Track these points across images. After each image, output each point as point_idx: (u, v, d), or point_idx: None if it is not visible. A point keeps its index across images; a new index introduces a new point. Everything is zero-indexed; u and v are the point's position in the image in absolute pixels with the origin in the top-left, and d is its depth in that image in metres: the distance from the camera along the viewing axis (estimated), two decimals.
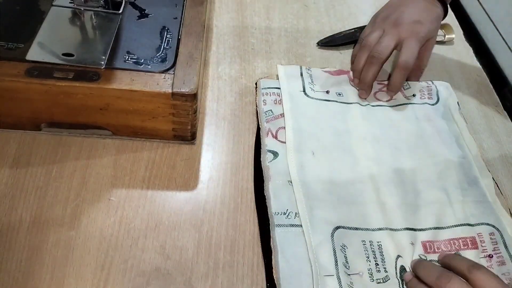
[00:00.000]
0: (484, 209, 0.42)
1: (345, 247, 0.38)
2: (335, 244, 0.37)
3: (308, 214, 0.39)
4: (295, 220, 0.39)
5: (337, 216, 0.40)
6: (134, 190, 0.41)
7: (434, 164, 0.45)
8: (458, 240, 0.40)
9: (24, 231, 0.37)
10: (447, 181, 0.44)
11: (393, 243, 0.39)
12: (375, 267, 0.37)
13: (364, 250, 0.38)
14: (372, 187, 0.42)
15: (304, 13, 0.62)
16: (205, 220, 0.40)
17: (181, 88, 0.38)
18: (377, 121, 0.48)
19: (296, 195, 0.40)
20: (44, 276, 0.35)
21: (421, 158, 0.45)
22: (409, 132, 0.48)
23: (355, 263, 0.37)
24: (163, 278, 0.36)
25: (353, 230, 0.39)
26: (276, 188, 0.41)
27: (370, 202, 0.41)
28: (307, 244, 0.37)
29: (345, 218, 0.40)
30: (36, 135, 0.43)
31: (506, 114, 0.54)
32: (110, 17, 0.44)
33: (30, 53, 0.39)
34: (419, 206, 0.42)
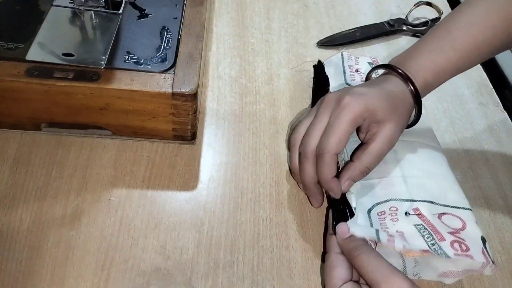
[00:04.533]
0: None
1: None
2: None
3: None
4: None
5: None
6: (134, 190, 0.41)
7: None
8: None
9: (24, 231, 0.37)
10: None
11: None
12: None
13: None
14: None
15: (304, 13, 0.62)
16: (205, 220, 0.40)
17: (181, 88, 0.38)
18: None
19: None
20: (44, 276, 0.35)
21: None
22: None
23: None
24: (163, 278, 0.36)
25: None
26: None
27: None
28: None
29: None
30: (36, 135, 0.43)
31: (506, 114, 0.54)
32: (110, 17, 0.44)
33: (30, 53, 0.39)
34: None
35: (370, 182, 0.40)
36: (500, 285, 0.39)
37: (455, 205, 0.38)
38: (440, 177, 0.40)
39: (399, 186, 0.38)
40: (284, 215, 0.41)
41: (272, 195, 0.43)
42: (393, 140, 0.38)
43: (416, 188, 0.38)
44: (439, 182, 0.40)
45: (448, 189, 0.39)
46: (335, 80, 0.50)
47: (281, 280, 0.37)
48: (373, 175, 0.39)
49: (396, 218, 0.36)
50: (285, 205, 0.42)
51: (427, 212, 0.36)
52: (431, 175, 0.40)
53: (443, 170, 0.41)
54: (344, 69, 0.51)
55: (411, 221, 0.36)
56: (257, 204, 0.42)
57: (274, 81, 0.53)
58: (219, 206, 0.41)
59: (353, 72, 0.50)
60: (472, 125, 0.52)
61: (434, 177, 0.40)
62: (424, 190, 0.38)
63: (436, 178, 0.40)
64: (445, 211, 0.37)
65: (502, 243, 0.42)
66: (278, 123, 0.48)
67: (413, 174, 0.40)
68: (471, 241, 0.35)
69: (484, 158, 0.49)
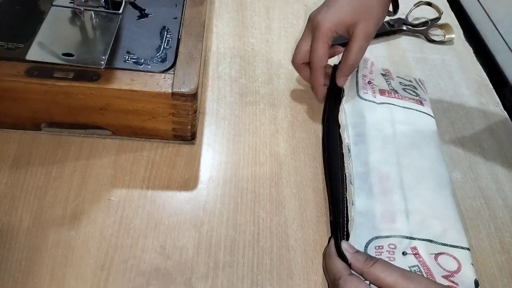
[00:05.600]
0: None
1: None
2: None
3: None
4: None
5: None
6: (134, 190, 0.41)
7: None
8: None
9: (24, 231, 0.37)
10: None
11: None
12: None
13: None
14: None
15: (304, 13, 0.62)
16: (205, 220, 0.40)
17: (181, 88, 0.38)
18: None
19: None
20: (44, 276, 0.35)
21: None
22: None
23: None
24: (163, 278, 0.36)
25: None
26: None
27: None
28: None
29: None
30: (36, 135, 0.43)
31: (506, 114, 0.54)
32: (110, 17, 0.44)
33: (30, 53, 0.39)
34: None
35: (373, 212, 0.39)
36: (500, 285, 0.39)
37: (453, 244, 0.38)
38: (444, 213, 0.40)
39: (401, 223, 0.38)
40: (284, 215, 0.41)
41: (272, 195, 0.43)
42: (369, 36, 0.44)
43: (417, 225, 0.38)
44: (442, 219, 0.39)
45: (449, 227, 0.39)
46: (348, 90, 0.48)
47: (281, 280, 0.37)
48: (376, 204, 0.39)
49: (393, 257, 0.36)
50: (285, 205, 0.42)
51: (424, 251, 0.36)
52: (435, 211, 0.39)
53: (447, 204, 0.40)
54: (357, 79, 0.49)
55: (407, 262, 0.36)
56: (257, 204, 0.42)
57: (274, 81, 0.53)
58: (219, 206, 0.41)
59: (366, 84, 0.49)
60: (472, 125, 0.52)
61: (438, 213, 0.39)
62: (425, 227, 0.38)
63: (439, 214, 0.39)
64: (442, 251, 0.37)
65: (502, 243, 0.42)
66: (278, 123, 0.48)
67: (416, 209, 0.39)
68: (463, 286, 0.35)
69: (484, 158, 0.49)
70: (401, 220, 0.38)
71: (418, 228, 0.38)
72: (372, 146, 0.43)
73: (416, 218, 0.38)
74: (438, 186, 0.41)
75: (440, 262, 0.36)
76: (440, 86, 0.56)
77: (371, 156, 0.42)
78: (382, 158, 0.42)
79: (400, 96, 0.48)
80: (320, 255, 0.39)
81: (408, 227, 0.38)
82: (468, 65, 0.59)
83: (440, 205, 0.40)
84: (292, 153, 0.46)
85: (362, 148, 0.43)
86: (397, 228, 0.38)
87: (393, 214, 0.39)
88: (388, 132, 0.44)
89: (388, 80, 0.50)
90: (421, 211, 0.39)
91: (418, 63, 0.58)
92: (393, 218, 0.38)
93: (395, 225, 0.38)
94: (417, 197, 0.40)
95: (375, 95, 0.48)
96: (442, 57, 0.60)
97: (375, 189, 0.40)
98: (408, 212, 0.39)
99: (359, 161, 0.42)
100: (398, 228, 0.38)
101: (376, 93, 0.48)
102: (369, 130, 0.45)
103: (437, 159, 0.44)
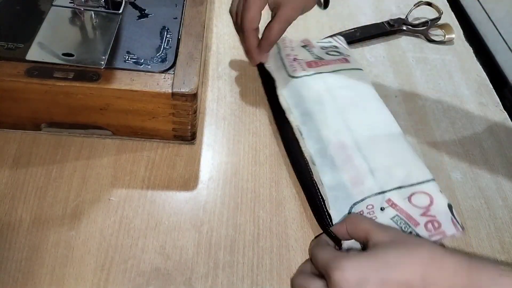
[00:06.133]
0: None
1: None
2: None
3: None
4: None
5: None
6: (134, 190, 0.41)
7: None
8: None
9: (24, 231, 0.37)
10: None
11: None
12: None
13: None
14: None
15: None
16: (205, 220, 0.40)
17: (181, 88, 0.38)
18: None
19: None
20: (44, 276, 0.35)
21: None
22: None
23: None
24: (163, 278, 0.36)
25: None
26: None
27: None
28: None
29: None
30: (36, 135, 0.43)
31: (506, 114, 0.54)
32: (110, 17, 0.44)
33: (30, 53, 0.39)
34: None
35: (342, 183, 0.40)
36: None
37: (419, 181, 0.41)
38: (403, 158, 0.43)
39: (368, 181, 0.40)
40: (284, 215, 0.41)
41: (272, 195, 0.43)
42: (289, 20, 0.46)
43: (383, 178, 0.40)
44: (403, 164, 0.42)
45: (411, 168, 0.42)
46: (278, 73, 0.49)
47: (281, 280, 0.37)
48: (342, 174, 0.41)
49: (374, 216, 0.38)
50: (285, 205, 0.42)
51: (398, 199, 0.39)
52: (395, 159, 0.42)
53: (403, 149, 0.43)
54: (283, 60, 0.50)
55: (387, 215, 0.38)
56: (257, 204, 0.42)
57: None
58: (219, 206, 0.41)
59: (292, 62, 0.50)
60: (472, 125, 0.52)
61: (397, 160, 0.42)
62: (391, 178, 0.40)
63: (399, 161, 0.42)
64: (413, 191, 0.40)
65: (502, 243, 0.42)
66: None
67: (378, 164, 0.41)
68: (441, 215, 0.39)
69: (484, 158, 0.49)
70: (369, 179, 0.40)
71: (386, 180, 0.40)
72: (319, 120, 0.44)
73: (381, 172, 0.41)
74: (389, 135, 0.44)
75: (414, 202, 0.39)
76: (440, 86, 0.56)
77: (322, 131, 0.44)
78: (333, 129, 0.44)
79: (326, 62, 0.50)
80: None
81: (377, 184, 0.40)
82: (468, 65, 0.59)
83: (397, 152, 0.43)
84: None
85: (311, 126, 0.44)
86: (368, 188, 0.40)
87: (360, 177, 0.40)
88: (328, 101, 0.46)
89: (310, 50, 0.52)
90: (383, 164, 0.41)
91: (418, 63, 0.58)
92: (361, 181, 0.40)
93: (365, 186, 0.40)
94: (375, 153, 0.42)
95: (304, 68, 0.49)
96: (442, 57, 0.60)
97: (336, 161, 0.42)
98: (372, 170, 0.41)
99: (313, 139, 0.44)
100: (368, 188, 0.40)
101: (304, 67, 0.49)
102: (311, 106, 0.46)
103: (380, 108, 0.47)
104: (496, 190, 0.46)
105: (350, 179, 0.40)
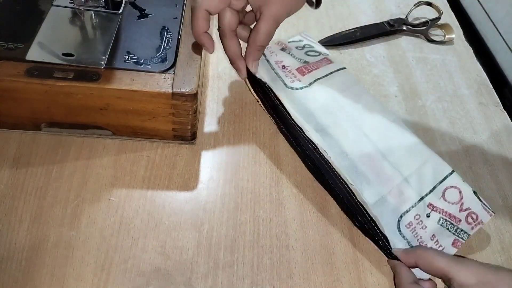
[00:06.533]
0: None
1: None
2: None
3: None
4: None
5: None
6: (134, 190, 0.41)
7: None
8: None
9: (24, 231, 0.37)
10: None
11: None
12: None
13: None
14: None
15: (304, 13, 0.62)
16: (205, 220, 0.40)
17: (181, 88, 0.38)
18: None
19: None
20: (44, 276, 0.35)
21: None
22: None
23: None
24: (163, 278, 0.36)
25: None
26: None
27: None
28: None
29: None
30: (36, 135, 0.43)
31: (506, 114, 0.54)
32: (110, 17, 0.44)
33: (30, 53, 0.39)
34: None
35: (383, 197, 0.40)
36: None
37: (444, 176, 0.41)
38: (422, 154, 0.43)
39: (407, 190, 0.40)
40: (284, 215, 0.41)
41: (272, 195, 0.43)
42: (277, 19, 0.41)
43: (418, 182, 0.41)
44: (426, 161, 0.42)
45: (433, 164, 0.42)
46: (276, 86, 0.45)
47: (281, 280, 0.37)
48: (381, 188, 0.40)
49: (423, 225, 0.39)
50: (285, 205, 0.42)
51: (436, 201, 0.40)
52: (418, 158, 0.42)
53: (417, 143, 0.43)
54: (275, 70, 0.47)
55: (434, 221, 0.39)
56: (257, 204, 0.42)
57: None
58: (219, 206, 0.41)
59: (283, 70, 0.47)
60: (472, 125, 0.52)
61: (420, 158, 0.42)
62: (423, 180, 0.41)
63: (421, 158, 0.42)
64: (443, 188, 0.40)
65: (502, 243, 0.42)
66: None
67: (408, 168, 0.41)
68: (473, 205, 0.40)
69: (484, 158, 0.49)
70: (407, 188, 0.40)
71: (420, 184, 0.41)
72: (337, 134, 0.43)
73: (414, 177, 0.41)
74: (402, 135, 0.44)
75: (448, 199, 0.40)
76: (440, 86, 0.56)
77: (344, 147, 0.42)
78: (353, 141, 0.43)
79: (314, 65, 0.48)
80: (320, 255, 0.39)
81: (415, 191, 0.40)
82: (468, 65, 0.59)
83: (416, 151, 0.43)
84: (292, 153, 0.46)
85: (331, 142, 0.42)
86: (408, 197, 0.40)
87: (397, 187, 0.40)
88: (338, 111, 0.45)
89: (290, 52, 0.50)
90: (412, 168, 0.42)
91: (418, 63, 0.58)
92: (400, 191, 0.40)
93: (405, 196, 0.40)
94: (400, 157, 0.42)
95: (299, 78, 0.46)
96: (442, 57, 0.60)
97: (370, 175, 0.41)
98: (406, 177, 0.41)
99: (337, 155, 0.42)
100: (409, 197, 0.40)
101: (298, 76, 0.47)
102: (323, 120, 0.44)
103: (382, 109, 0.46)
104: (496, 190, 0.46)
105: (389, 191, 0.40)
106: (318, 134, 0.43)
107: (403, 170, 0.41)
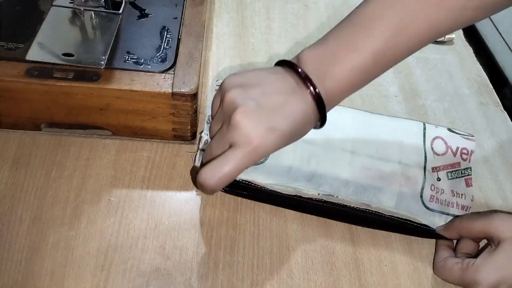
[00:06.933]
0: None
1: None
2: None
3: None
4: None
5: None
6: (134, 190, 0.41)
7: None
8: None
9: (24, 231, 0.37)
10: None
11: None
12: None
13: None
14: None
15: (304, 13, 0.62)
16: (205, 220, 0.40)
17: (181, 88, 0.38)
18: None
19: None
20: (43, 277, 0.35)
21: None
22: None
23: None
24: (163, 279, 0.36)
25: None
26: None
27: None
28: None
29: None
30: (36, 135, 0.43)
31: (506, 114, 0.54)
32: (110, 17, 0.44)
33: (30, 53, 0.39)
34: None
35: (399, 194, 0.42)
36: None
37: (422, 135, 0.45)
38: (395, 131, 0.45)
39: (410, 171, 0.43)
40: (284, 215, 0.41)
41: None
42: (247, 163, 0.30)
43: (414, 158, 0.43)
44: (401, 136, 0.45)
45: (405, 133, 0.45)
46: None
47: (281, 280, 0.37)
48: (392, 187, 0.42)
49: (441, 190, 0.42)
50: None
51: (434, 162, 0.43)
52: (393, 134, 0.45)
53: (387, 126, 0.45)
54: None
55: (444, 180, 0.43)
56: (257, 204, 0.42)
57: None
58: (219, 206, 0.41)
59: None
60: (472, 125, 0.52)
61: (395, 137, 0.45)
62: (415, 151, 0.44)
63: (395, 136, 0.45)
64: (430, 146, 0.44)
65: None
66: None
67: (397, 154, 0.44)
68: (457, 141, 0.44)
69: (484, 158, 0.49)
70: (407, 170, 0.43)
71: (416, 158, 0.44)
72: (328, 169, 0.41)
73: (404, 157, 0.43)
74: (370, 127, 0.45)
75: (438, 151, 0.44)
76: (440, 86, 0.56)
77: (341, 175, 0.41)
78: (344, 165, 0.42)
79: None
80: (320, 255, 0.39)
81: (416, 167, 0.43)
82: (468, 65, 0.59)
83: (386, 130, 0.45)
84: None
85: (328, 181, 0.41)
86: (415, 177, 0.43)
87: (402, 176, 0.42)
88: (311, 151, 0.42)
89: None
90: (396, 149, 0.44)
91: (418, 63, 0.58)
92: (406, 177, 0.42)
93: (412, 177, 0.43)
94: (384, 149, 0.44)
95: None
96: (442, 57, 0.60)
97: (377, 184, 0.42)
98: (400, 162, 0.43)
99: (341, 188, 0.41)
100: (415, 176, 0.43)
101: None
102: (305, 167, 0.41)
103: (338, 116, 0.43)
104: (496, 190, 0.46)
105: (399, 184, 0.42)
106: (312, 185, 0.41)
107: (394, 157, 0.43)
